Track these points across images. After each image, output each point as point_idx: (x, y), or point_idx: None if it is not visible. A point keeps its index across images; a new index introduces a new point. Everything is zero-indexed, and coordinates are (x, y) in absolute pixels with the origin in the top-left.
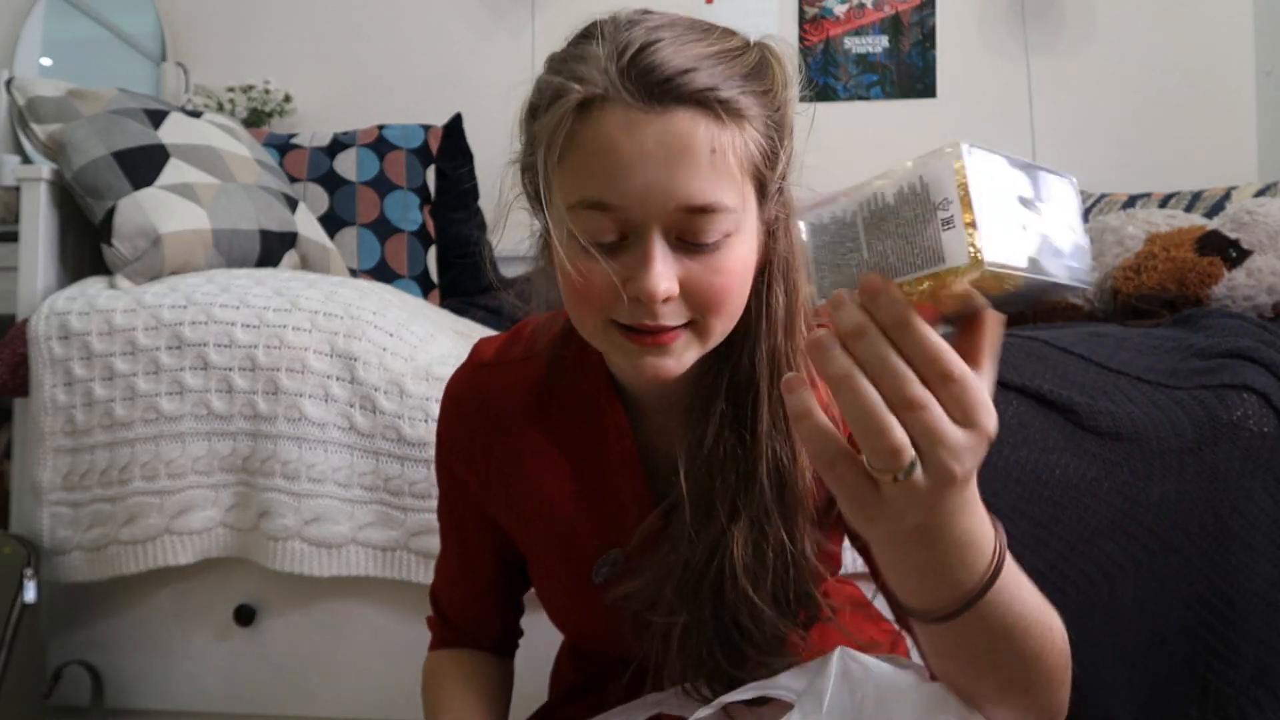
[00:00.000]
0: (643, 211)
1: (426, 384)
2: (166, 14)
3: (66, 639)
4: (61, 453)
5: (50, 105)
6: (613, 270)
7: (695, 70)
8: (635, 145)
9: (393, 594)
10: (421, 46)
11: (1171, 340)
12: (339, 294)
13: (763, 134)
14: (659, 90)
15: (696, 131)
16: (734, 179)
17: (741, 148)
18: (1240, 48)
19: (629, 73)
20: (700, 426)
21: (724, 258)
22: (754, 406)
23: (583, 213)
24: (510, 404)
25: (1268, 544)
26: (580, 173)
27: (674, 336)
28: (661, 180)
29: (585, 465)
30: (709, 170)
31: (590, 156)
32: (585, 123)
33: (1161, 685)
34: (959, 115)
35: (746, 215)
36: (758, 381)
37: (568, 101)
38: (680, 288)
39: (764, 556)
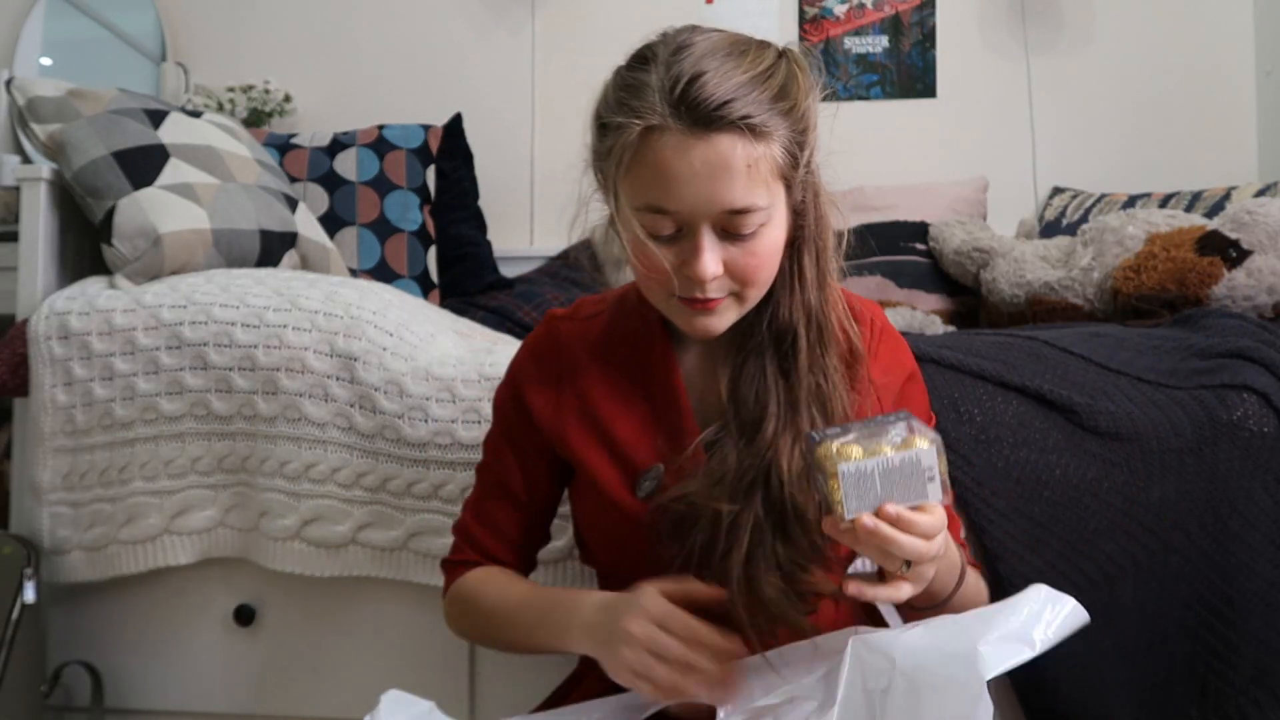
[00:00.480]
0: (693, 215)
1: (426, 384)
2: (166, 14)
3: (66, 639)
4: (61, 453)
5: (50, 105)
6: (671, 256)
7: (734, 101)
8: (686, 165)
9: (393, 594)
10: (421, 46)
11: (1171, 340)
12: (339, 294)
13: (788, 143)
14: (704, 120)
15: (735, 152)
16: (765, 183)
17: (770, 159)
18: (1240, 48)
19: (680, 106)
20: (738, 359)
21: (758, 243)
22: (793, 346)
23: (646, 214)
24: (580, 347)
25: (1268, 544)
26: (643, 184)
27: (719, 302)
28: (708, 192)
29: (640, 397)
30: (745, 181)
31: (650, 172)
32: (646, 145)
33: (1161, 685)
34: (959, 115)
35: (776, 207)
36: (795, 327)
37: (631, 133)
38: (724, 268)
39: (809, 470)
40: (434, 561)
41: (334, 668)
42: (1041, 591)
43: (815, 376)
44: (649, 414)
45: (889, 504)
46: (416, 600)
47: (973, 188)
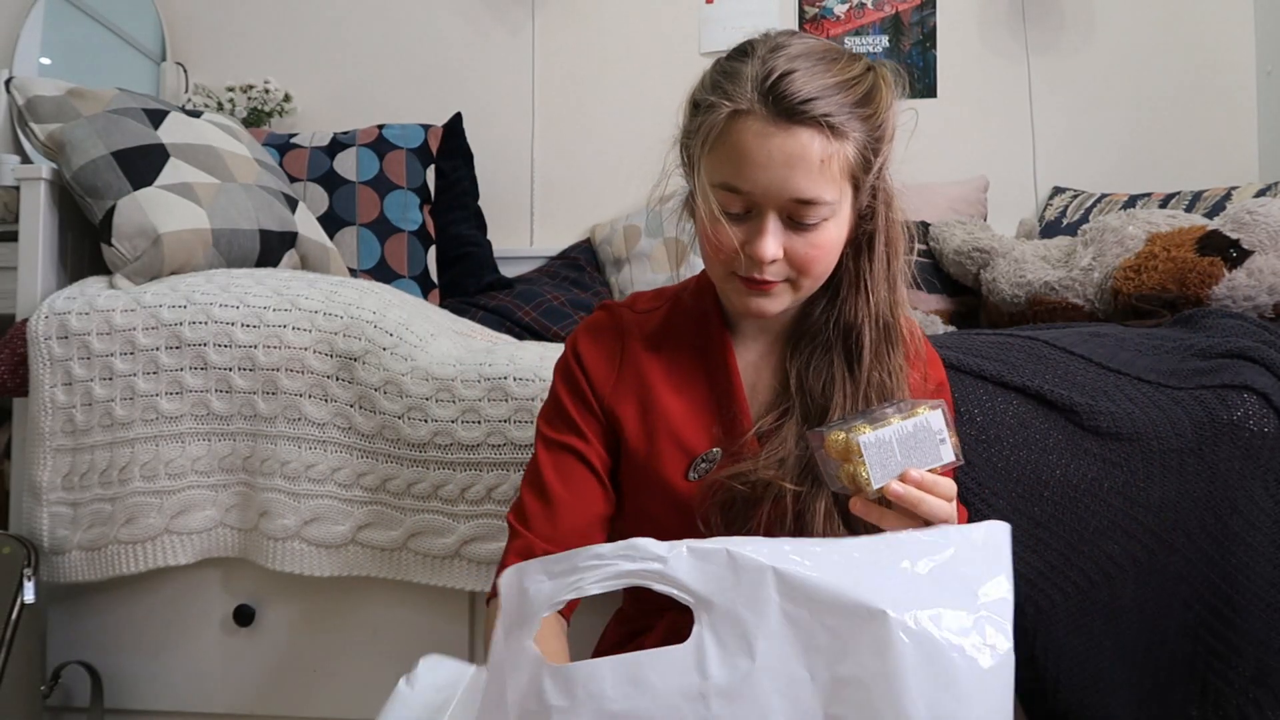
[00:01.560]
0: (763, 198)
1: (426, 384)
2: (166, 14)
3: (66, 639)
4: (61, 453)
5: (50, 105)
6: (738, 234)
7: (818, 99)
8: (764, 152)
9: (393, 594)
10: (421, 46)
11: (1172, 340)
12: (339, 294)
13: (861, 147)
14: (788, 111)
15: (811, 146)
16: (835, 181)
17: (843, 159)
18: (1240, 48)
19: (769, 96)
20: (807, 352)
21: (819, 236)
22: (858, 343)
23: (720, 191)
24: (638, 333)
25: (1268, 544)
26: (722, 163)
27: (774, 285)
28: (780, 179)
29: (696, 384)
30: (817, 175)
31: (731, 152)
32: (731, 127)
33: (1162, 685)
34: (959, 115)
35: (842, 205)
36: (860, 325)
37: (720, 113)
38: (784, 253)
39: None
40: (434, 561)
41: (334, 668)
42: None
43: (879, 373)
44: (704, 400)
45: (910, 469)
46: (416, 600)
47: (973, 188)
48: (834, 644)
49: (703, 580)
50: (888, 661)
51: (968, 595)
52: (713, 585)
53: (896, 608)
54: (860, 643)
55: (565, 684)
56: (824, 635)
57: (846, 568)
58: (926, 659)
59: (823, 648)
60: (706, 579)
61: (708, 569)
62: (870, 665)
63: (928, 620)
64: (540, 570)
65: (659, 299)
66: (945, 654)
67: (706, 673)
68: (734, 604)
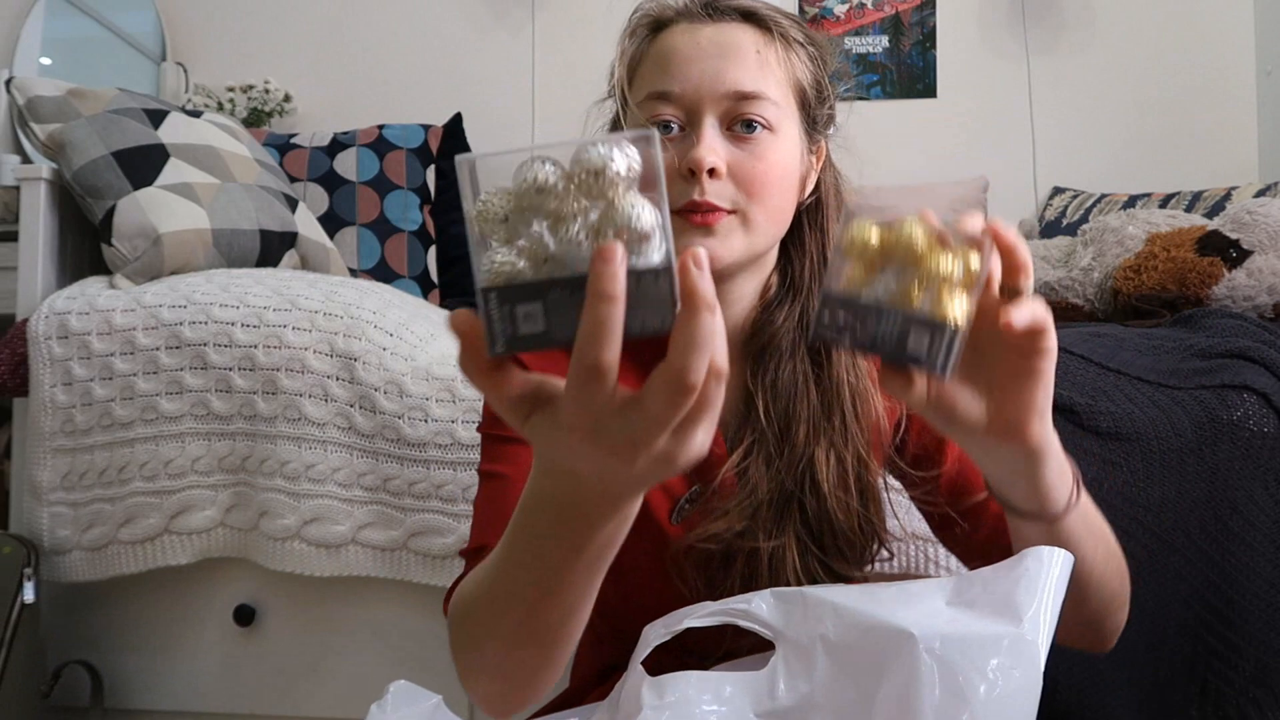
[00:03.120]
0: (697, 96)
1: (426, 384)
2: (166, 14)
3: (66, 639)
4: (61, 453)
5: (50, 105)
6: (672, 154)
7: (750, 4)
8: (694, 45)
9: (393, 594)
10: (421, 46)
11: (1171, 340)
12: (339, 294)
13: (808, 61)
14: (717, 6)
15: (745, 37)
16: (777, 81)
17: (785, 62)
18: (1240, 48)
19: (695, 1)
20: (773, 365)
21: (766, 148)
22: (826, 347)
23: (649, 103)
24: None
25: (1268, 544)
26: (647, 75)
27: (719, 216)
28: (714, 70)
29: None
30: (755, 68)
31: (658, 61)
32: (657, 38)
33: (1161, 685)
34: (959, 115)
35: (787, 118)
36: None
37: (643, 23)
38: (727, 169)
39: (847, 475)
40: (434, 561)
41: (334, 668)
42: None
43: (848, 375)
44: None
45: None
46: (416, 600)
47: (973, 188)
48: (873, 666)
49: (779, 617)
50: (913, 682)
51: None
52: (786, 620)
53: (923, 630)
54: (894, 664)
55: (658, 689)
56: (865, 658)
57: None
58: (946, 679)
59: (865, 669)
60: (782, 615)
61: (783, 607)
62: (901, 686)
63: (953, 642)
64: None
65: None
66: (964, 675)
67: (775, 695)
68: (799, 635)
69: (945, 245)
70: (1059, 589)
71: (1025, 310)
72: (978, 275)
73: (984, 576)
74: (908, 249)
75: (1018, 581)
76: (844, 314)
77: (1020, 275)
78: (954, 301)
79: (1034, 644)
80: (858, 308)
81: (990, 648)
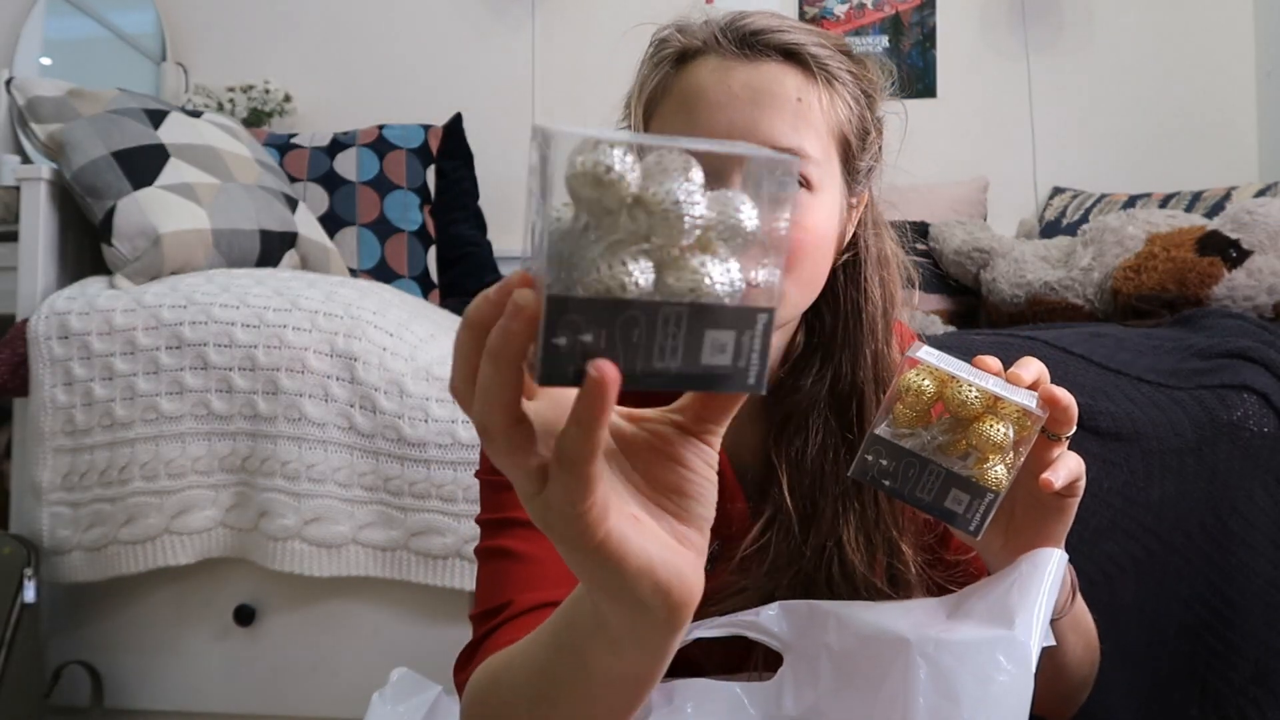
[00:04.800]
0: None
1: (426, 384)
2: (166, 14)
3: (66, 639)
4: (61, 453)
5: (50, 105)
6: None
7: (789, 31)
8: (724, 89)
9: (393, 594)
10: (421, 46)
11: (1171, 340)
12: (339, 294)
13: (852, 103)
14: (752, 41)
15: (785, 79)
16: (818, 133)
17: (828, 106)
18: (1240, 48)
19: (726, 29)
20: (800, 437)
21: (801, 213)
22: (859, 414)
23: None
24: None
25: (1268, 544)
26: (669, 118)
27: None
28: (746, 120)
29: None
30: (793, 117)
31: (682, 102)
32: (680, 73)
33: (1161, 685)
34: (959, 115)
35: (828, 177)
36: (862, 389)
37: (666, 51)
38: None
39: (876, 557)
40: (434, 561)
41: (334, 668)
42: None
43: None
44: None
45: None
46: (416, 600)
47: (973, 188)
48: (874, 673)
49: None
50: (909, 686)
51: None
52: (793, 632)
53: (918, 636)
54: (892, 671)
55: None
56: (866, 666)
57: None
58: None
59: (867, 677)
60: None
61: (790, 619)
62: (898, 691)
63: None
64: None
65: None
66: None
67: (782, 704)
68: (805, 645)
69: (997, 410)
70: (1053, 588)
71: (1063, 471)
72: (1025, 438)
73: (981, 586)
74: (961, 406)
75: (1011, 586)
76: (888, 458)
77: (1065, 427)
78: (998, 467)
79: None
80: (903, 455)
81: (982, 650)
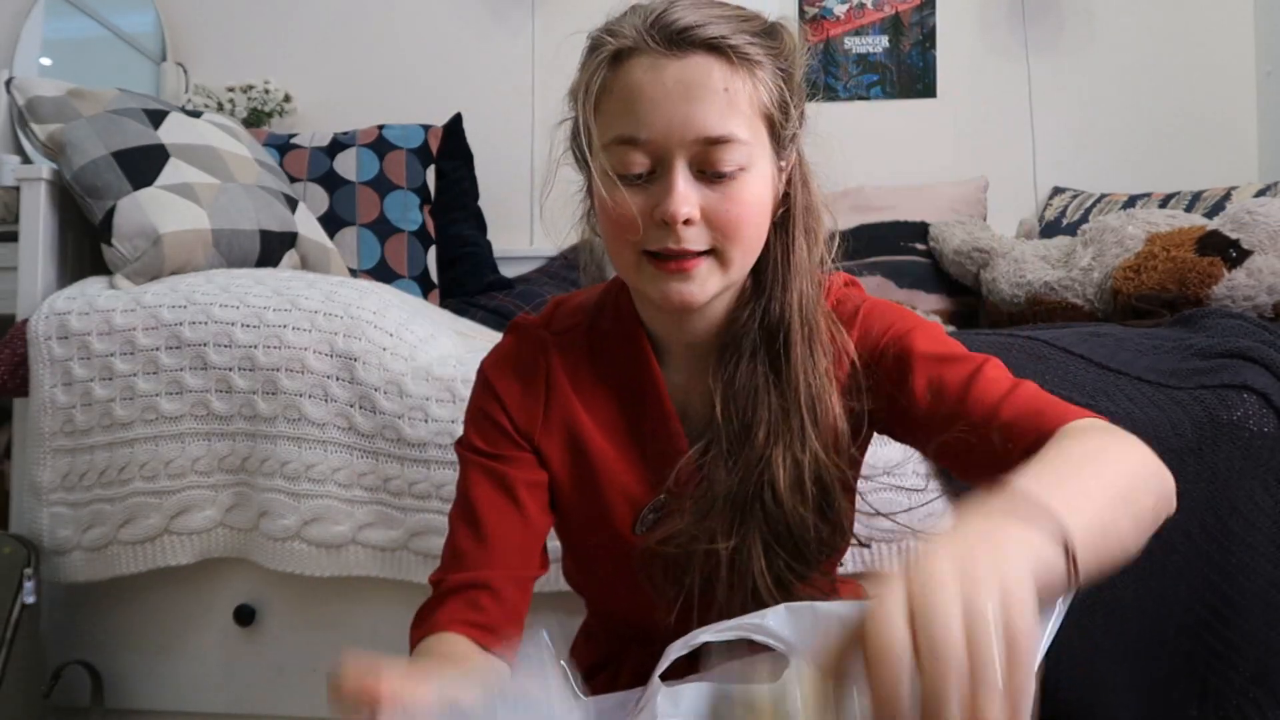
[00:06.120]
0: (666, 143)
1: (426, 384)
2: (166, 14)
3: (66, 639)
4: (61, 453)
5: (50, 105)
6: (642, 200)
7: (710, 24)
8: (658, 86)
9: (393, 594)
10: (421, 46)
11: (1171, 340)
12: (339, 294)
13: (772, 82)
14: (677, 38)
15: (711, 72)
16: (745, 116)
17: (752, 90)
18: (1240, 48)
19: (654, 28)
20: (733, 364)
21: (739, 189)
22: (786, 344)
23: (616, 149)
24: (561, 362)
25: (1268, 544)
26: (613, 114)
27: (696, 263)
28: (682, 115)
29: (628, 418)
30: (724, 107)
31: (622, 99)
32: (617, 72)
33: (1161, 685)
34: (959, 115)
35: (759, 152)
36: (789, 322)
37: (603, 54)
38: (700, 214)
39: (803, 478)
40: (434, 561)
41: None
42: None
43: (808, 376)
44: (638, 438)
45: None
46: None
47: (973, 188)
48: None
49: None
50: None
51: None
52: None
53: None
54: None
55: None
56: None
57: None
58: None
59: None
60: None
61: (795, 621)
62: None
63: None
64: None
65: (579, 314)
66: None
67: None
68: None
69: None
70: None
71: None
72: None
73: None
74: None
75: None
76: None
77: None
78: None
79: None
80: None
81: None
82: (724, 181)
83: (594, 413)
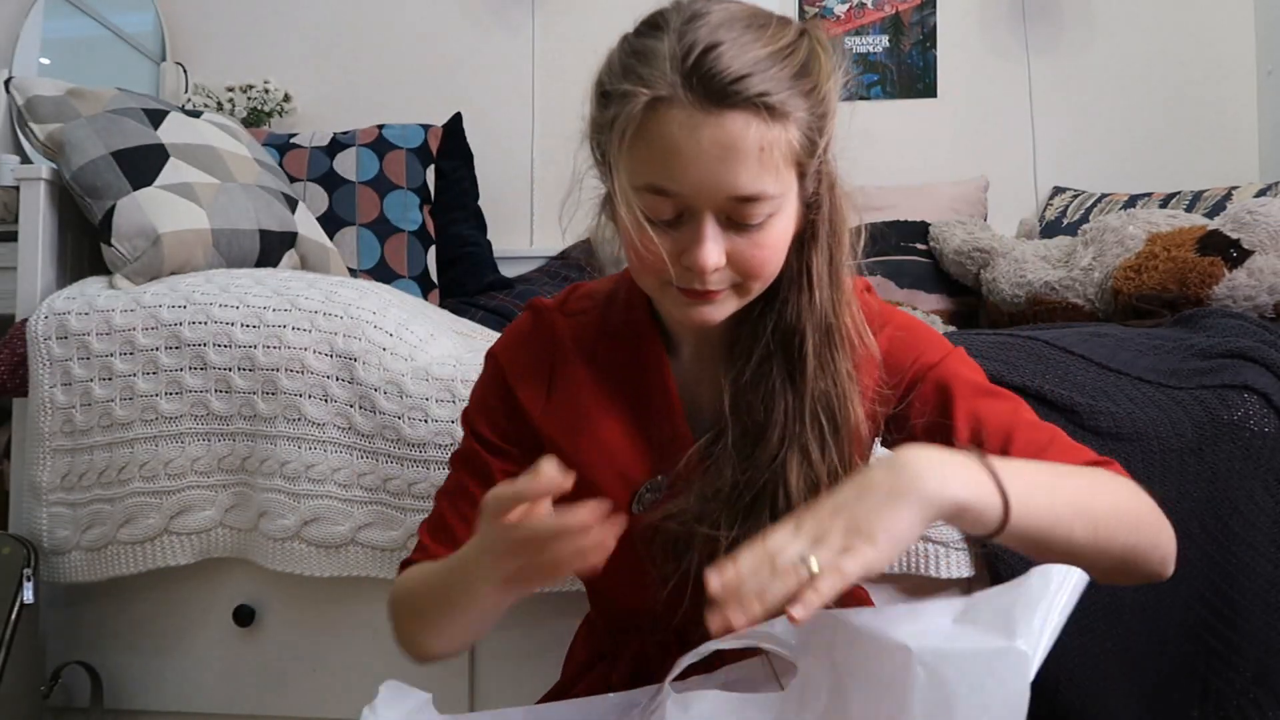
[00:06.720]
0: (697, 199)
1: (426, 384)
2: (166, 14)
3: (66, 639)
4: (60, 453)
5: (49, 105)
6: (669, 243)
7: (750, 76)
8: (694, 144)
9: None
10: (421, 46)
11: (1172, 340)
12: (338, 294)
13: (805, 128)
14: (717, 94)
15: (748, 133)
16: (777, 170)
17: (786, 144)
18: (1240, 48)
19: (691, 77)
20: (742, 363)
21: (765, 235)
22: (800, 350)
23: (646, 195)
24: (572, 345)
25: (1268, 544)
26: (645, 162)
27: (719, 295)
28: (715, 175)
29: (631, 404)
30: (757, 166)
31: (655, 150)
32: (651, 118)
33: (1162, 685)
34: (959, 115)
35: (787, 198)
36: (803, 328)
37: (636, 103)
38: (726, 259)
39: (819, 484)
40: None
41: (334, 668)
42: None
43: (824, 382)
44: (641, 422)
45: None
46: None
47: (973, 188)
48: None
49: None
50: (907, 694)
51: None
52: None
53: (919, 644)
54: (894, 678)
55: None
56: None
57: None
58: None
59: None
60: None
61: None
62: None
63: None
64: None
65: (591, 298)
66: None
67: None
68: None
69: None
70: (1066, 602)
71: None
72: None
73: (990, 595)
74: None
75: (1018, 598)
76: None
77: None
78: None
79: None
80: None
81: (980, 660)
82: (751, 230)
83: (599, 388)
